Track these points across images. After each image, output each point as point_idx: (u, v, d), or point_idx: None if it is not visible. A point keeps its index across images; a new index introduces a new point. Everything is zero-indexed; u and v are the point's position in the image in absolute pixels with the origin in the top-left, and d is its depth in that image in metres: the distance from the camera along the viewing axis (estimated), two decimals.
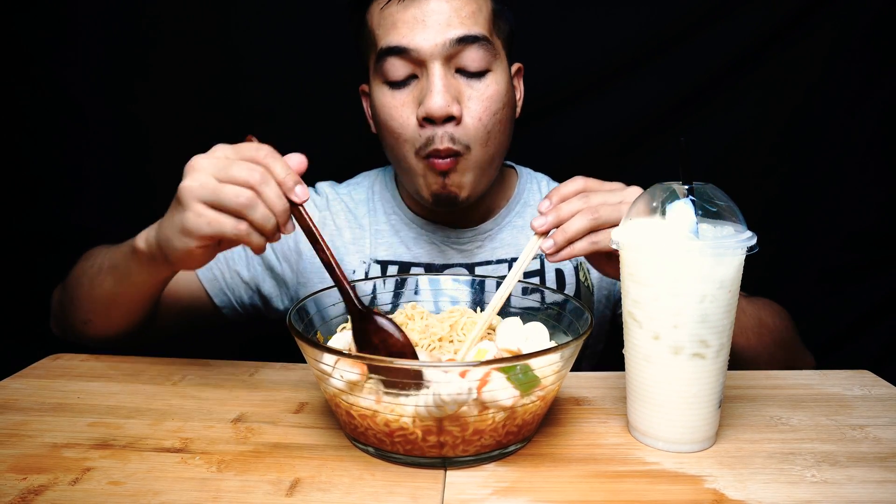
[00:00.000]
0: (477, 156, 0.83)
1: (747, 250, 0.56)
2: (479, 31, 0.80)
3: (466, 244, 0.95)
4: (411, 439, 0.54)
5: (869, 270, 1.22)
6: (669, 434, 0.58)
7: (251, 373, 0.76)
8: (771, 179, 1.23)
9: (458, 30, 0.79)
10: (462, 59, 0.80)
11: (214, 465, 0.56)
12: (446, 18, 0.79)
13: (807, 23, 1.15)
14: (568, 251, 0.67)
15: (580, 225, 0.66)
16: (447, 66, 0.80)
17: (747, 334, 0.83)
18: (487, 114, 0.82)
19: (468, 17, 0.80)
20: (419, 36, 0.79)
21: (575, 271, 0.95)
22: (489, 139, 0.83)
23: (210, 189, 0.60)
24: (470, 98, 0.81)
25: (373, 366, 0.53)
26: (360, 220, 0.97)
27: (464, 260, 0.94)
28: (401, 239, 0.95)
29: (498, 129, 0.84)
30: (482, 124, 0.82)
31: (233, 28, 1.19)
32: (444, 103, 0.78)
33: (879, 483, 0.54)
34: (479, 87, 0.82)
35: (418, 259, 0.94)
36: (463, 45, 0.80)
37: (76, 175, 1.24)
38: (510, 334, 0.65)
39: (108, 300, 0.79)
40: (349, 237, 0.96)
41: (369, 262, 0.94)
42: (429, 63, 0.80)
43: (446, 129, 0.80)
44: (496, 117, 0.83)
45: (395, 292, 0.76)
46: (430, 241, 0.95)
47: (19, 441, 0.60)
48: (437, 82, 0.79)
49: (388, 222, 0.96)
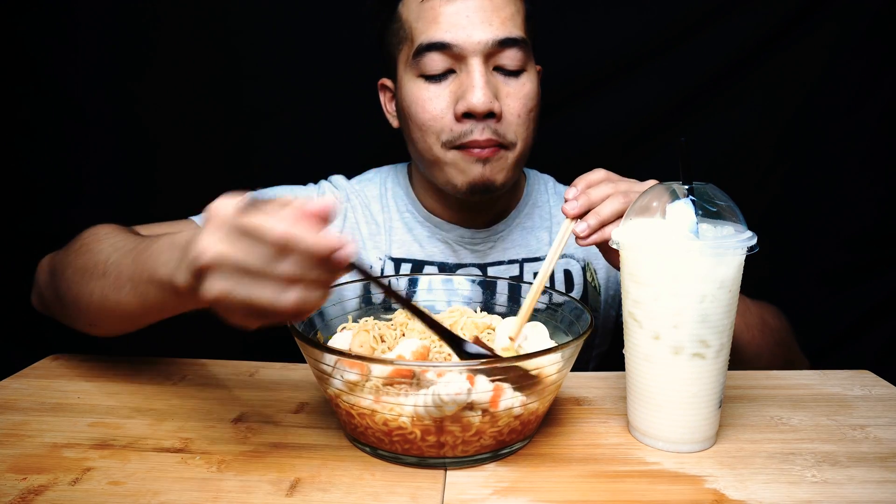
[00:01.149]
0: (520, 150, 0.86)
1: (747, 250, 0.56)
2: (518, 33, 0.83)
3: (479, 244, 0.96)
4: (410, 439, 0.54)
5: (869, 271, 1.22)
6: (670, 434, 0.58)
7: (251, 373, 0.76)
8: (771, 179, 1.22)
9: (500, 31, 0.82)
10: (501, 58, 0.83)
11: (214, 465, 0.56)
12: (488, 17, 0.81)
13: (807, 23, 1.15)
14: (599, 234, 0.67)
15: (614, 207, 0.67)
16: (486, 63, 0.82)
17: (753, 331, 0.83)
18: (525, 111, 0.85)
19: (508, 19, 0.82)
20: (462, 32, 0.81)
21: (583, 271, 0.96)
22: (527, 135, 0.86)
23: (245, 296, 0.48)
24: (508, 95, 0.84)
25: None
26: (374, 217, 0.98)
27: (476, 260, 0.96)
28: (414, 237, 0.96)
29: (532, 127, 0.87)
30: (521, 120, 0.85)
31: (233, 28, 1.19)
32: (486, 99, 0.80)
33: (879, 483, 0.54)
34: (516, 85, 0.84)
35: (432, 258, 0.95)
36: (504, 47, 0.82)
37: (76, 176, 1.24)
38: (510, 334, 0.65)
39: (125, 315, 0.67)
40: (366, 232, 0.97)
41: (385, 258, 0.95)
42: (469, 59, 0.82)
43: (487, 123, 0.82)
44: (531, 115, 0.86)
45: (408, 291, 0.76)
46: (443, 240, 0.96)
47: (19, 441, 0.59)
48: (479, 79, 0.81)
49: (402, 220, 0.97)
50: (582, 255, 0.97)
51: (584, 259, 0.97)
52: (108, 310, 0.67)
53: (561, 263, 0.96)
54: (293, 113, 1.22)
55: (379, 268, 0.94)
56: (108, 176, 1.24)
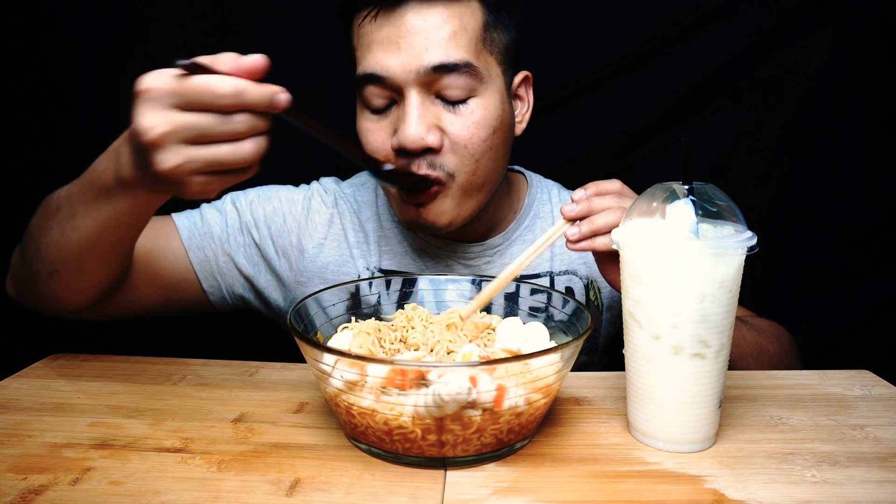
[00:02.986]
0: (462, 183, 0.78)
1: (747, 250, 0.56)
2: (459, 56, 0.74)
3: (474, 259, 0.91)
4: (411, 438, 0.54)
5: (869, 270, 1.22)
6: (670, 434, 0.58)
7: (251, 373, 0.76)
8: (771, 179, 1.23)
9: (435, 55, 0.73)
10: (441, 85, 0.74)
11: (214, 465, 0.56)
12: (423, 40, 0.73)
13: (807, 23, 1.15)
14: (588, 243, 0.67)
15: (608, 220, 0.67)
16: (426, 91, 0.75)
17: (747, 360, 0.82)
18: (474, 141, 0.76)
19: (448, 39, 0.73)
20: (392, 61, 0.74)
21: (585, 290, 0.93)
22: (477, 167, 0.77)
23: (204, 158, 0.53)
24: (453, 125, 0.76)
25: None
26: (363, 225, 0.93)
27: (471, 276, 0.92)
28: (404, 248, 0.91)
29: (488, 156, 0.78)
30: (468, 152, 0.76)
31: (233, 27, 1.19)
32: (417, 135, 0.73)
33: (879, 483, 0.54)
34: (464, 112, 0.76)
35: (424, 273, 0.89)
36: (440, 74, 0.74)
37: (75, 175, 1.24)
38: (510, 334, 0.65)
39: (81, 241, 0.67)
40: (353, 240, 0.92)
41: (374, 270, 0.91)
42: (405, 90, 0.74)
43: (426, 158, 0.76)
44: (486, 144, 0.77)
45: (398, 304, 0.75)
46: (435, 254, 0.91)
47: (19, 441, 0.60)
48: (412, 112, 0.74)
49: (394, 229, 0.92)
50: (585, 272, 0.93)
51: (588, 277, 0.93)
52: (69, 246, 0.67)
53: (563, 280, 0.92)
54: None
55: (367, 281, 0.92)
56: None
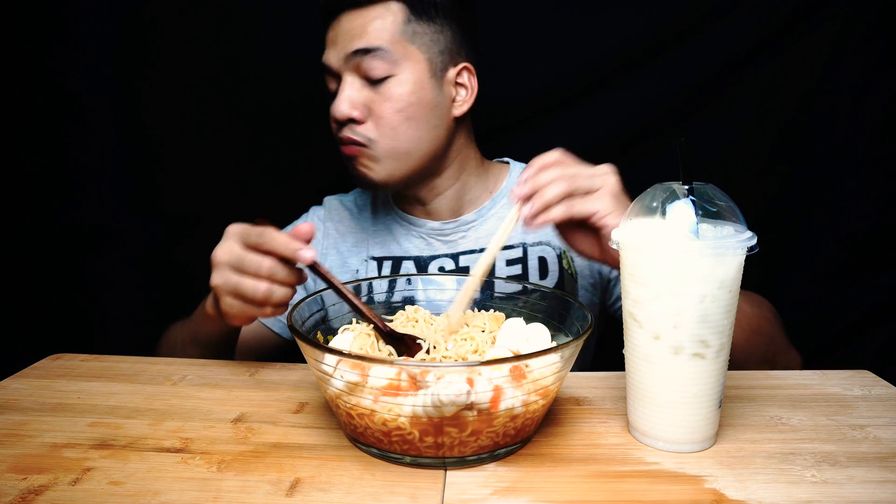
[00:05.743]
0: (384, 147, 0.93)
1: (747, 250, 0.56)
2: (375, 42, 0.90)
3: (450, 235, 1.03)
4: (408, 439, 0.54)
5: (869, 270, 1.22)
6: (669, 434, 0.58)
7: (251, 373, 0.76)
8: (771, 179, 1.22)
9: (356, 43, 0.90)
10: (364, 68, 0.91)
11: (214, 465, 0.56)
12: (351, 36, 0.91)
13: (807, 23, 1.15)
14: (544, 216, 0.71)
15: (557, 190, 0.70)
16: (355, 73, 0.92)
17: None
18: (389, 112, 0.92)
19: (371, 32, 0.90)
20: (331, 53, 0.93)
21: (558, 259, 0.99)
22: (396, 134, 0.93)
23: (233, 284, 0.70)
24: (374, 101, 0.92)
25: None
26: (362, 223, 1.07)
27: (448, 251, 1.02)
28: (393, 237, 1.05)
29: (405, 126, 0.93)
30: (384, 121, 0.92)
31: (235, 27, 1.19)
32: (343, 109, 0.91)
33: (879, 483, 0.54)
34: (382, 90, 0.92)
35: (408, 253, 1.03)
36: (360, 56, 0.90)
37: (77, 176, 1.24)
38: (511, 335, 0.65)
39: (201, 354, 0.87)
40: (351, 241, 1.06)
41: (368, 259, 1.03)
42: (342, 74, 0.93)
43: (350, 127, 0.93)
44: (401, 115, 0.92)
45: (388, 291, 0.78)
46: (418, 235, 1.04)
47: (19, 441, 0.60)
48: (343, 91, 0.92)
49: (384, 223, 1.06)
50: (559, 242, 0.99)
51: (561, 247, 1.00)
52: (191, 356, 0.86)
53: (536, 250, 0.99)
54: (295, 112, 1.22)
55: (363, 270, 1.03)
56: (110, 176, 1.24)
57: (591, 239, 0.75)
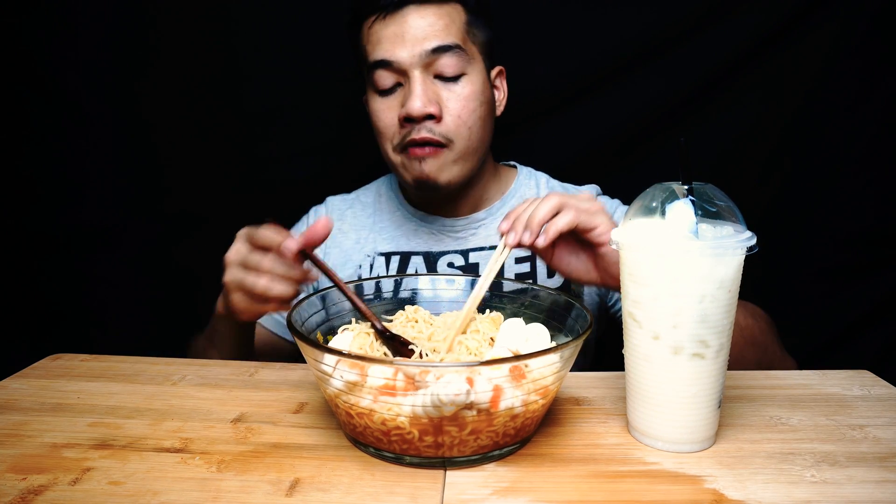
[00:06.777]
0: (460, 148, 0.94)
1: (747, 250, 0.56)
2: (452, 40, 0.91)
3: (460, 231, 1.04)
4: (408, 439, 0.54)
5: (868, 270, 1.22)
6: (669, 434, 0.58)
7: (251, 373, 0.76)
8: (771, 179, 1.22)
9: (433, 41, 0.90)
10: (438, 66, 0.91)
11: (214, 465, 0.56)
12: (422, 32, 0.90)
13: (807, 23, 1.15)
14: (554, 228, 0.71)
15: (551, 203, 0.71)
16: (426, 72, 0.92)
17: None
18: (466, 111, 0.93)
19: (442, 30, 0.91)
20: (399, 49, 0.91)
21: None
22: (471, 133, 0.94)
23: (238, 280, 0.72)
24: (448, 99, 0.93)
25: None
26: (365, 221, 1.08)
27: (458, 247, 1.03)
28: (402, 232, 1.06)
29: (478, 125, 0.95)
30: (462, 121, 0.93)
31: (235, 27, 1.19)
32: (421, 105, 0.90)
33: (879, 483, 0.54)
34: (456, 89, 0.93)
35: (417, 248, 1.04)
36: (438, 54, 0.91)
37: (77, 176, 1.24)
38: (511, 335, 0.65)
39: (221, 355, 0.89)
40: (354, 238, 1.07)
41: (374, 255, 1.04)
42: (410, 72, 0.91)
43: (424, 125, 0.92)
44: (475, 114, 0.94)
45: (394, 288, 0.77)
46: (428, 231, 1.05)
47: (19, 441, 0.60)
48: (417, 87, 0.91)
49: (392, 219, 1.07)
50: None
51: None
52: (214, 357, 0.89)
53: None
54: (295, 112, 1.22)
55: (367, 265, 1.03)
56: (110, 176, 1.24)
57: (587, 263, 0.76)
